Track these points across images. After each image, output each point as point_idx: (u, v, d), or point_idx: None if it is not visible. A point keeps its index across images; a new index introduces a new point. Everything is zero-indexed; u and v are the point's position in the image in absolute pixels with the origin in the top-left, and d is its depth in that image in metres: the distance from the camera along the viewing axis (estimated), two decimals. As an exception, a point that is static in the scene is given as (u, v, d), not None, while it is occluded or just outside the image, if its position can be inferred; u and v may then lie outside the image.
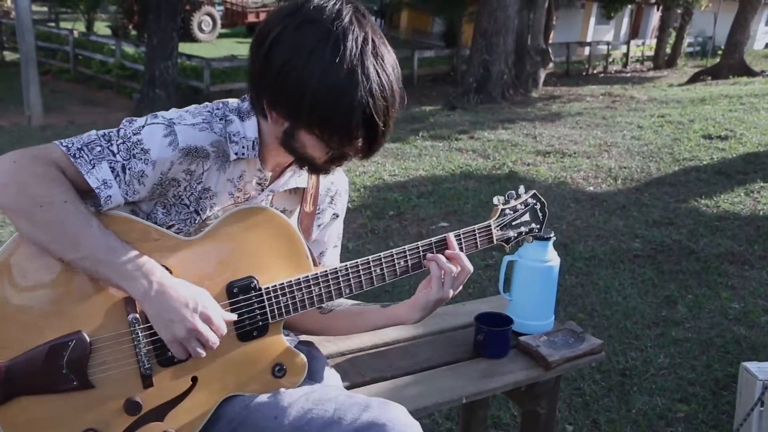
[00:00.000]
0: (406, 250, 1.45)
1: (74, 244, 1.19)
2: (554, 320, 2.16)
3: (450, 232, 1.52)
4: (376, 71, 1.19)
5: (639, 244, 4.75)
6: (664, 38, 23.93)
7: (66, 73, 17.44)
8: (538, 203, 1.65)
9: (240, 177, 1.37)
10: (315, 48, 1.16)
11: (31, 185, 1.18)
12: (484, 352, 1.98)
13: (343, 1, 1.22)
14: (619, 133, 8.54)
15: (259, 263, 1.35)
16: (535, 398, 2.03)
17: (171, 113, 1.32)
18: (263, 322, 1.36)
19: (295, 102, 1.20)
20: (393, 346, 2.01)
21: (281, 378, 1.40)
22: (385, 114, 1.22)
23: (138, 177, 1.25)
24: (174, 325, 1.22)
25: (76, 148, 1.23)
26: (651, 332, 3.52)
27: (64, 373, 1.21)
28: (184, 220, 1.35)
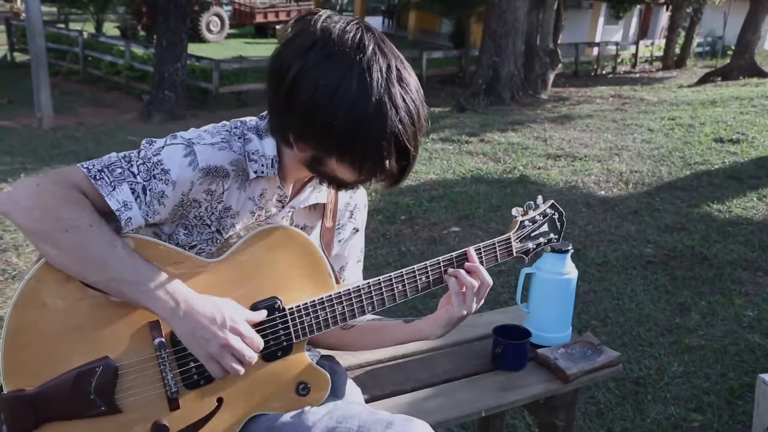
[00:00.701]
0: (428, 266, 1.46)
1: (100, 267, 1.19)
2: (571, 332, 2.16)
3: (459, 234, 1.53)
4: (402, 98, 1.19)
5: (651, 249, 4.75)
6: (674, 38, 23.86)
7: (75, 75, 17.52)
8: (556, 213, 1.66)
9: (261, 195, 1.38)
10: (340, 83, 1.16)
11: (55, 209, 1.18)
12: (503, 364, 1.98)
13: (361, 28, 1.21)
14: (630, 136, 8.52)
15: (282, 283, 1.36)
16: (553, 410, 2.03)
17: (190, 133, 1.33)
18: (287, 342, 1.37)
19: (324, 136, 1.20)
20: (411, 358, 2.02)
21: (305, 396, 1.40)
22: (415, 139, 1.22)
23: (158, 198, 1.25)
24: (207, 343, 1.23)
25: (96, 170, 1.22)
26: (665, 340, 3.51)
27: (91, 398, 1.22)
28: (207, 240, 1.35)
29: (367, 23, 1.24)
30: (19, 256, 4.37)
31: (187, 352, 1.28)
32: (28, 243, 4.60)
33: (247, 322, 1.29)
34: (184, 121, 12.22)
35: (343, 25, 1.20)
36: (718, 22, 23.87)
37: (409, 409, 1.76)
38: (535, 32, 14.74)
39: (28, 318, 1.18)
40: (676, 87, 16.26)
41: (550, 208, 1.65)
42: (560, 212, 1.66)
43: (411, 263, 4.38)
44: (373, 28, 1.23)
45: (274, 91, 1.24)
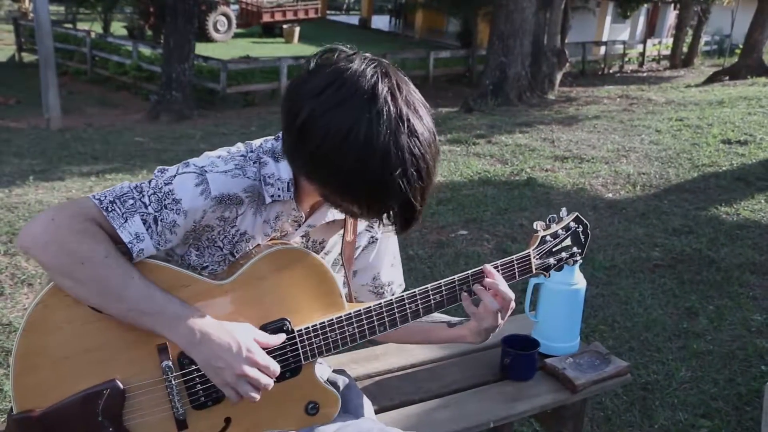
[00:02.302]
0: (442, 286, 1.45)
1: (118, 298, 1.21)
2: (579, 342, 2.17)
3: (467, 238, 1.52)
4: (411, 153, 1.15)
5: (659, 253, 4.74)
6: (681, 37, 23.76)
7: (83, 75, 17.60)
8: (580, 226, 1.60)
9: (276, 218, 1.38)
10: (348, 133, 1.13)
11: (71, 242, 1.19)
12: (511, 375, 1.99)
13: (377, 74, 1.17)
14: (637, 137, 8.50)
15: (292, 304, 1.36)
16: (561, 420, 2.04)
17: (203, 160, 1.32)
18: (296, 364, 1.37)
19: (330, 183, 1.19)
20: (420, 368, 2.03)
21: (314, 415, 1.42)
22: (422, 195, 1.20)
23: (170, 228, 1.26)
24: (223, 372, 1.24)
25: (108, 201, 1.23)
26: (672, 345, 3.51)
27: (99, 420, 1.24)
28: (218, 262, 1.36)
29: (387, 66, 1.20)
30: (28, 261, 4.39)
31: (194, 375, 1.29)
32: (38, 246, 4.62)
33: (266, 345, 1.30)
34: (192, 121, 12.26)
35: (360, 68, 1.17)
36: (726, 20, 23.76)
37: (418, 420, 1.77)
38: (543, 32, 14.70)
39: (36, 342, 1.20)
40: (683, 86, 16.21)
41: (574, 222, 1.59)
42: (585, 225, 1.61)
43: (419, 267, 4.36)
44: (392, 72, 1.20)
45: (285, 128, 1.23)
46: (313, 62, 1.22)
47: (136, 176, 6.77)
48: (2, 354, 3.23)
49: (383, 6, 37.00)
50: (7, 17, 25.79)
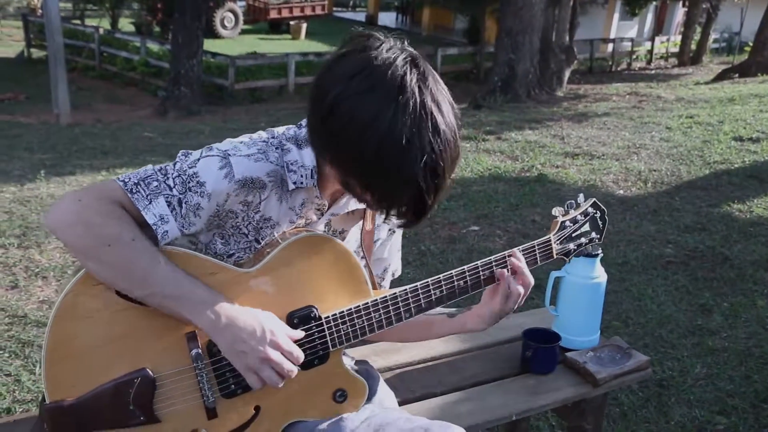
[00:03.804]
0: (466, 271, 1.45)
1: (143, 282, 1.20)
2: (600, 336, 2.16)
3: (479, 234, 1.52)
4: (431, 149, 1.15)
5: (672, 249, 4.72)
6: (690, 34, 23.65)
7: (91, 71, 17.63)
8: (598, 212, 1.62)
9: (302, 205, 1.38)
10: (373, 120, 1.13)
11: (97, 225, 1.19)
12: (532, 368, 1.98)
13: (408, 64, 1.17)
14: (648, 134, 8.48)
15: (318, 291, 1.35)
16: (582, 414, 2.03)
17: (226, 144, 1.32)
18: (324, 351, 1.37)
19: (350, 168, 1.20)
20: (440, 361, 2.03)
21: (342, 403, 1.41)
22: (435, 193, 1.19)
23: (194, 210, 1.25)
24: (246, 357, 1.24)
25: (132, 183, 1.23)
26: (687, 341, 3.50)
27: (130, 409, 1.24)
28: (244, 249, 1.36)
29: (418, 58, 1.20)
30: (42, 253, 4.40)
31: (224, 363, 1.29)
32: (50, 240, 4.63)
33: (291, 337, 1.30)
34: (200, 116, 12.27)
35: (391, 57, 1.17)
36: (735, 17, 23.64)
37: (440, 413, 1.77)
38: (551, 28, 14.67)
39: (66, 331, 1.20)
40: (692, 84, 16.14)
41: (591, 207, 1.61)
42: (602, 210, 1.62)
43: (431, 262, 4.37)
44: (423, 64, 1.20)
45: (311, 110, 1.23)
46: (346, 46, 1.22)
47: (147, 171, 6.78)
48: (19, 345, 3.24)
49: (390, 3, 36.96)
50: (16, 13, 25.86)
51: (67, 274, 4.10)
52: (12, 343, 3.26)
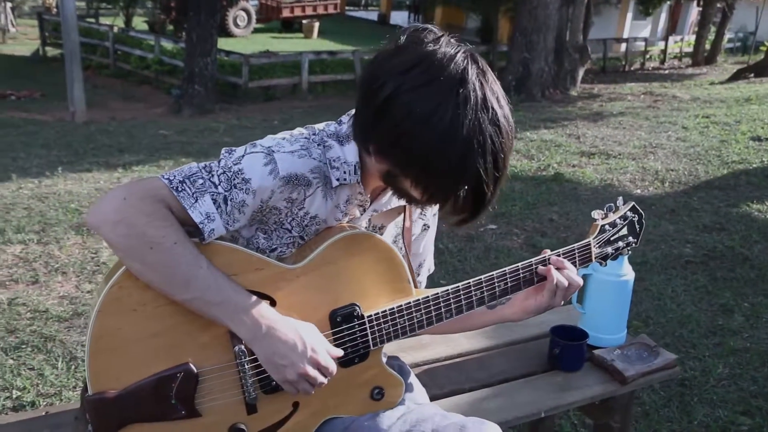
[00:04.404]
0: (507, 273, 1.45)
1: (184, 286, 1.19)
2: (626, 334, 2.15)
3: (496, 232, 1.51)
4: (492, 141, 1.15)
5: (690, 249, 4.70)
6: (704, 34, 23.48)
7: (105, 69, 17.69)
8: (636, 215, 1.61)
9: (346, 201, 1.37)
10: (433, 113, 1.13)
11: (141, 225, 1.17)
12: (560, 365, 1.98)
13: (468, 59, 1.17)
14: (664, 134, 8.44)
15: (361, 289, 1.35)
16: (609, 412, 2.03)
17: (268, 141, 1.31)
18: (365, 349, 1.37)
19: (405, 160, 1.18)
20: (467, 357, 2.02)
21: (379, 400, 1.42)
22: (494, 185, 1.19)
23: (239, 207, 1.24)
24: (285, 370, 1.23)
25: (178, 181, 1.21)
26: (708, 341, 3.48)
27: (172, 403, 1.24)
28: (287, 244, 1.35)
29: (474, 53, 1.20)
30: (61, 249, 4.43)
31: None
32: (69, 236, 4.66)
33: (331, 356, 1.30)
34: (214, 114, 12.29)
35: (450, 52, 1.16)
36: (750, 17, 23.48)
37: (470, 409, 1.76)
38: (565, 28, 14.61)
39: (110, 324, 1.20)
40: (707, 84, 16.04)
41: (630, 211, 1.61)
42: (640, 214, 1.62)
43: (450, 261, 4.36)
44: (480, 60, 1.19)
45: (364, 102, 1.21)
46: (400, 40, 1.21)
47: (163, 168, 6.81)
48: (41, 340, 3.26)
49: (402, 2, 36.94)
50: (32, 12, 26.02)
51: (87, 270, 4.13)
52: (34, 337, 3.28)
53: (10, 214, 5.09)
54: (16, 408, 2.75)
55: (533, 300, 1.48)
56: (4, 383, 2.89)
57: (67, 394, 2.86)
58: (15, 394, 2.83)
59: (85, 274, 4.08)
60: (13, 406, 2.75)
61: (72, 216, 5.09)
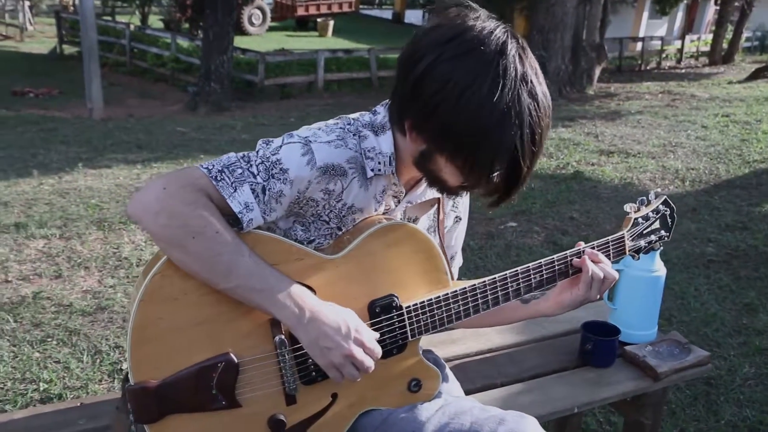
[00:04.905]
0: (542, 265, 1.44)
1: (227, 275, 1.19)
2: (657, 330, 2.13)
3: (516, 230, 1.50)
4: (530, 114, 1.14)
5: (713, 248, 4.66)
6: (722, 33, 23.28)
7: (122, 66, 17.79)
8: (668, 209, 1.61)
9: (383, 192, 1.37)
10: (472, 83, 1.12)
11: (182, 215, 1.16)
12: (592, 361, 1.97)
13: (507, 33, 1.16)
14: (683, 132, 8.38)
15: (399, 280, 1.35)
16: (641, 409, 2.01)
17: (305, 131, 1.30)
18: (403, 340, 1.36)
19: (442, 133, 1.17)
20: (498, 352, 2.02)
21: (416, 392, 1.41)
22: (531, 160, 1.18)
23: (276, 197, 1.24)
24: (330, 353, 1.23)
25: (217, 171, 1.21)
26: (733, 341, 3.45)
27: (213, 393, 1.23)
28: (325, 235, 1.35)
29: (513, 29, 1.19)
30: (83, 244, 4.46)
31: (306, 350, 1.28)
32: (91, 231, 4.69)
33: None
34: (230, 112, 12.35)
35: (489, 26, 1.16)
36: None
37: (503, 404, 1.75)
38: (582, 26, 14.53)
39: (152, 313, 1.19)
40: (726, 83, 15.91)
41: (662, 205, 1.60)
42: (672, 208, 1.62)
43: (470, 258, 4.34)
44: (519, 36, 1.19)
45: (402, 77, 1.21)
46: (438, 17, 1.20)
47: (181, 165, 6.84)
48: (66, 333, 3.28)
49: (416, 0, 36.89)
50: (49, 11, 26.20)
51: (109, 265, 4.15)
52: (59, 331, 3.30)
53: (32, 209, 5.13)
54: (43, 400, 2.76)
55: (569, 293, 1.47)
56: (31, 376, 2.92)
57: (93, 387, 2.87)
58: (42, 386, 2.84)
59: (107, 269, 4.10)
60: (41, 399, 2.77)
61: (93, 211, 5.12)
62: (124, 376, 1.27)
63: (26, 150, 7.43)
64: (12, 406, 2.70)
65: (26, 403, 2.74)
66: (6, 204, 5.22)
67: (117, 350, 3.16)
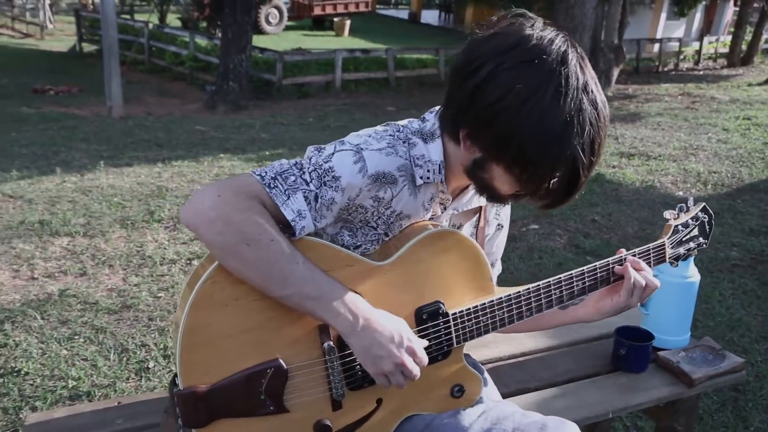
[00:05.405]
0: (585, 272, 1.44)
1: (282, 282, 1.19)
2: (690, 336, 2.12)
3: (539, 232, 1.50)
4: (590, 124, 1.14)
5: (737, 252, 4.62)
6: (741, 34, 23.07)
7: (140, 65, 17.87)
8: (707, 216, 1.61)
9: (431, 199, 1.37)
10: (535, 92, 1.12)
11: (237, 223, 1.16)
12: (625, 366, 1.96)
13: (567, 42, 1.17)
14: (704, 135, 8.32)
15: (445, 287, 1.35)
16: (674, 415, 2.00)
17: (354, 138, 1.30)
18: (448, 347, 1.37)
19: (501, 141, 1.16)
20: (531, 356, 2.01)
21: (459, 398, 1.42)
22: (590, 169, 1.18)
23: (328, 204, 1.24)
24: (382, 361, 1.23)
25: (270, 178, 1.21)
26: (760, 346, 3.42)
27: (261, 399, 1.24)
28: (372, 241, 1.35)
29: (571, 39, 1.19)
30: (107, 242, 4.49)
31: (353, 356, 1.28)
32: (114, 229, 4.72)
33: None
34: (248, 111, 12.37)
35: (550, 35, 1.16)
36: (789, 18, 22.99)
37: (537, 408, 1.75)
38: (600, 27, 14.45)
39: (203, 318, 1.20)
40: (745, 85, 15.78)
41: (701, 212, 1.61)
42: (710, 215, 1.62)
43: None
44: (577, 46, 1.19)
45: (458, 85, 1.20)
46: (496, 25, 1.20)
47: (202, 164, 6.87)
48: (93, 331, 3.31)
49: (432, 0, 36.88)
50: (68, 9, 26.40)
51: (133, 263, 4.17)
52: (86, 329, 3.33)
53: (55, 206, 5.18)
54: (72, 397, 2.79)
55: (609, 300, 1.47)
56: (59, 373, 2.94)
57: (121, 385, 2.90)
58: (70, 383, 2.87)
59: (131, 268, 4.13)
60: (70, 396, 2.80)
61: (116, 209, 5.16)
62: (171, 380, 1.27)
63: (48, 147, 7.49)
64: (42, 402, 2.73)
65: (55, 399, 2.77)
66: (30, 201, 5.27)
67: (143, 349, 3.19)
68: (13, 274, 3.94)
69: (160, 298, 3.71)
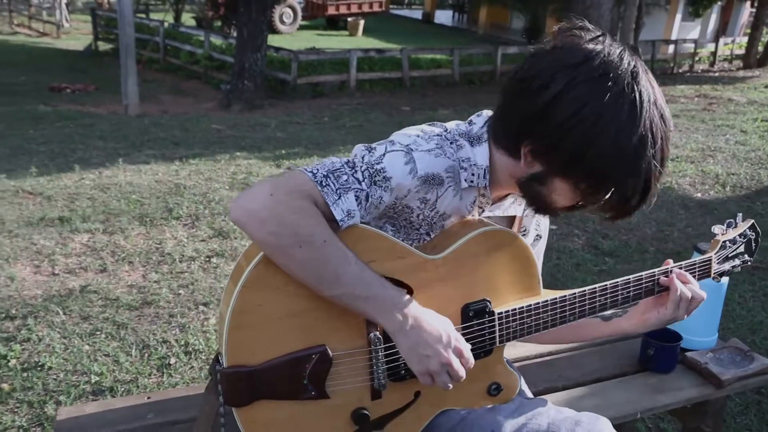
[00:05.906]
0: (630, 281, 1.44)
1: (333, 283, 1.19)
2: (717, 337, 2.11)
3: (557, 233, 1.49)
4: (662, 138, 1.15)
5: (757, 255, 4.55)
6: (757, 35, 22.89)
7: (155, 63, 17.94)
8: (754, 233, 1.60)
9: (473, 203, 1.37)
10: (610, 108, 1.12)
11: (290, 223, 1.15)
12: (653, 366, 1.95)
13: (635, 56, 1.17)
14: (722, 137, 8.27)
15: (493, 285, 1.35)
16: (701, 416, 1.99)
17: (404, 138, 1.30)
18: (491, 345, 1.37)
19: (573, 157, 1.16)
20: (558, 356, 2.01)
21: (495, 396, 1.43)
22: (659, 180, 1.19)
23: (377, 203, 1.24)
24: (429, 360, 1.23)
25: (322, 176, 1.20)
26: (782, 349, 3.40)
27: (304, 383, 1.25)
28: (412, 239, 1.35)
29: (636, 52, 1.19)
30: (126, 239, 4.51)
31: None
32: (133, 226, 4.75)
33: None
34: (263, 110, 12.40)
35: (617, 49, 1.16)
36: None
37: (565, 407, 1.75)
38: (616, 28, 14.40)
39: (253, 299, 1.20)
40: (762, 86, 15.66)
41: (749, 229, 1.60)
42: (758, 233, 1.61)
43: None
44: (641, 59, 1.19)
45: (521, 99, 1.20)
46: (557, 38, 1.20)
47: (219, 162, 6.90)
48: (114, 327, 3.33)
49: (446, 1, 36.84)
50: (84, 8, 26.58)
51: (152, 260, 4.20)
52: (107, 324, 3.35)
53: (74, 203, 5.21)
54: (95, 392, 2.81)
55: (655, 312, 1.46)
56: (82, 368, 2.96)
57: (143, 381, 2.91)
58: (93, 378, 2.89)
59: (150, 264, 4.15)
60: (93, 391, 2.82)
61: (134, 206, 5.19)
62: (214, 358, 1.28)
63: (66, 145, 7.54)
64: (65, 397, 2.75)
65: (79, 394, 2.78)
66: (49, 198, 5.31)
67: (164, 345, 3.20)
68: (35, 270, 3.97)
69: (180, 295, 3.73)
